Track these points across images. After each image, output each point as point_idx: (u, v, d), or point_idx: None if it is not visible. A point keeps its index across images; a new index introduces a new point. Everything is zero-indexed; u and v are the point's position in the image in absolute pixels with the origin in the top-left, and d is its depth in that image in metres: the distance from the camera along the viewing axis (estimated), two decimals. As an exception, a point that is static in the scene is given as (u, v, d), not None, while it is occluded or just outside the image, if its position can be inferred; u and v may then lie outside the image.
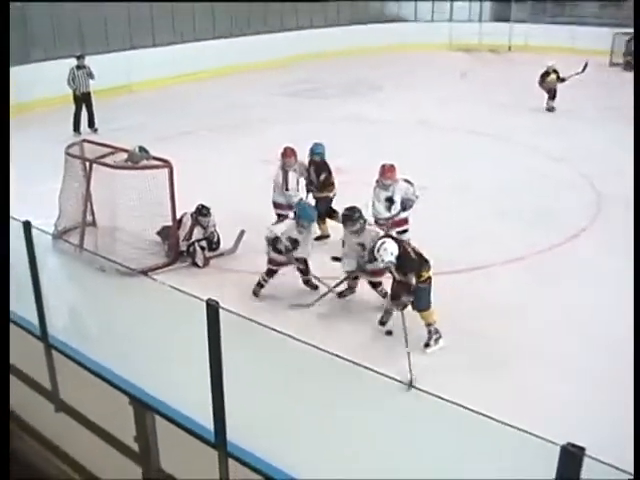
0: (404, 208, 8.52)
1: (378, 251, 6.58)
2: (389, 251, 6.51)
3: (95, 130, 15.11)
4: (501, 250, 9.18)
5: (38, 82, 16.94)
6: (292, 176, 9.22)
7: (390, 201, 8.47)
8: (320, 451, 3.64)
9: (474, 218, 10.15)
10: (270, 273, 7.94)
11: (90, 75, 15.09)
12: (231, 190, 10.74)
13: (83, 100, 15.08)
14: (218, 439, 3.78)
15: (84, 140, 9.35)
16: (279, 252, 7.78)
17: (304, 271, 8.15)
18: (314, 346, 3.27)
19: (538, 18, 26.42)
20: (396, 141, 13.77)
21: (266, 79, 20.55)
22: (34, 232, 5.02)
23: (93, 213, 9.49)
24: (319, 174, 9.48)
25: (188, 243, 8.98)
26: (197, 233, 9.08)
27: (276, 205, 9.33)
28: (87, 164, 9.05)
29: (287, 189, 9.15)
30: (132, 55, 18.84)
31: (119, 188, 8.54)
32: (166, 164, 8.81)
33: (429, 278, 6.77)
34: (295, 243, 7.77)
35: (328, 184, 9.52)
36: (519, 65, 23.08)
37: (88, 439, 5.00)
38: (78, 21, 19.19)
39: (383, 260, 6.56)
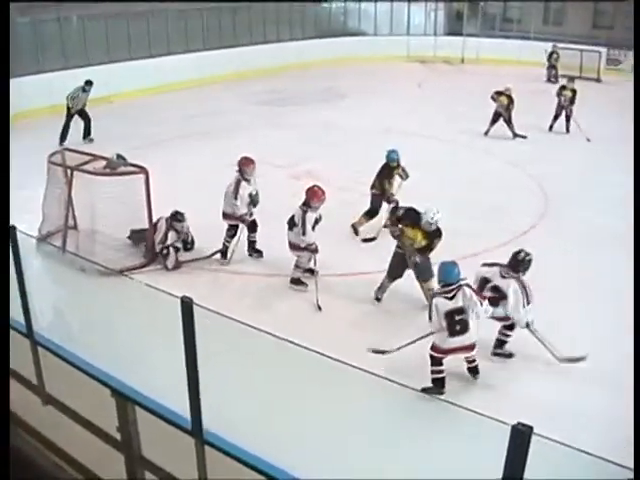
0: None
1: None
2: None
3: (91, 140, 14.87)
4: (457, 247, 9.26)
5: (22, 95, 16.75)
6: (244, 186, 8.74)
7: (317, 222, 8.07)
8: (291, 438, 3.65)
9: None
10: None
11: (86, 100, 15.01)
12: (203, 193, 10.71)
13: (79, 115, 14.95)
14: (194, 427, 3.79)
15: (65, 149, 9.29)
16: None
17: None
18: (290, 341, 3.27)
19: (488, 33, 26.79)
20: (360, 146, 13.86)
21: (237, 89, 20.52)
22: (19, 236, 4.98)
23: (74, 217, 9.42)
24: (391, 176, 9.69)
25: (163, 246, 8.97)
26: (171, 237, 9.07)
27: (225, 215, 8.93)
28: (68, 171, 9.01)
29: (235, 198, 8.69)
30: (111, 68, 18.68)
31: (99, 193, 8.50)
32: (142, 170, 8.80)
33: None
34: None
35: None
36: (471, 75, 23.40)
37: (74, 430, 4.98)
38: (60, 36, 19.02)
39: None
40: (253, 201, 8.82)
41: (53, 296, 5.48)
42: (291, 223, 8.06)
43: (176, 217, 9.15)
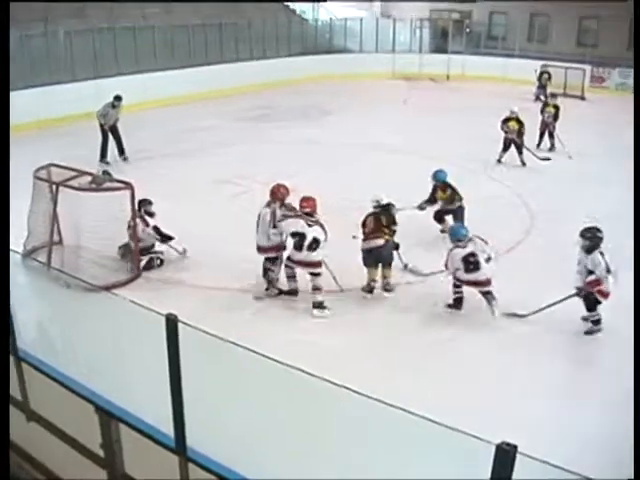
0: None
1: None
2: None
3: (125, 159, 14.74)
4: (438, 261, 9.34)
5: (11, 109, 16.72)
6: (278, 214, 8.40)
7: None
8: (275, 458, 3.65)
9: (417, 232, 10.24)
10: None
11: (118, 116, 14.64)
12: (189, 208, 10.76)
13: (110, 132, 14.66)
14: (178, 445, 3.79)
15: (51, 164, 9.26)
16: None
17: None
18: (276, 360, 3.28)
19: (473, 50, 27.06)
20: (344, 162, 13.91)
21: (222, 106, 20.56)
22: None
23: (60, 232, 9.41)
24: (445, 191, 10.35)
25: (150, 256, 9.34)
26: (149, 231, 9.32)
27: (262, 249, 8.54)
28: (54, 186, 9.00)
29: (275, 227, 8.31)
30: (97, 84, 18.69)
31: (84, 209, 8.50)
32: (127, 186, 8.81)
33: None
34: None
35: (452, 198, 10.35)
36: (457, 92, 23.59)
37: (57, 446, 4.96)
38: (47, 52, 19.03)
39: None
40: None
41: (37, 312, 5.46)
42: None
43: (145, 202, 9.41)
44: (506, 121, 14.43)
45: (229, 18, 24.22)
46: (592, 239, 7.50)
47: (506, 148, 14.56)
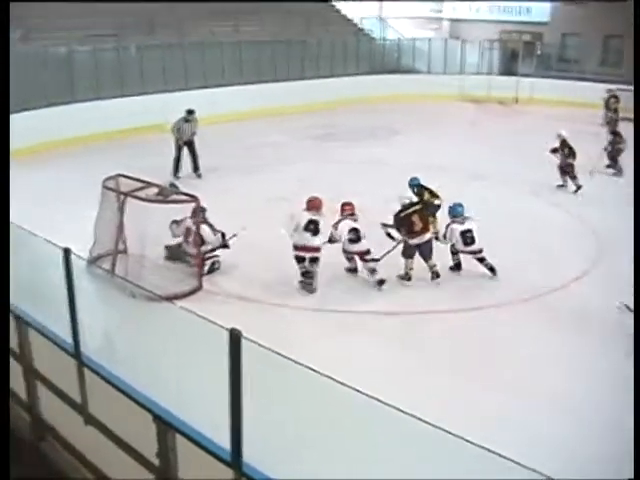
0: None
1: None
2: None
3: (199, 175, 14.94)
4: (504, 290, 9.26)
5: (82, 120, 17.33)
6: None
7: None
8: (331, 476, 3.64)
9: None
10: None
11: (195, 130, 14.86)
12: (252, 224, 10.89)
13: (186, 146, 14.84)
14: (234, 458, 3.82)
15: (119, 174, 9.50)
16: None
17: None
18: (338, 381, 3.28)
19: (543, 73, 26.63)
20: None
21: (288, 123, 20.76)
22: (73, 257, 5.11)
23: (125, 242, 9.63)
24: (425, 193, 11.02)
25: (212, 260, 9.74)
26: (209, 234, 9.57)
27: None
28: (121, 196, 9.22)
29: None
30: (166, 97, 19.14)
31: (149, 220, 8.69)
32: (193, 199, 8.97)
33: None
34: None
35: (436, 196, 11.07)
36: (524, 116, 23.24)
37: (113, 451, 5.04)
38: (118, 64, 19.60)
39: None
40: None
41: (101, 318, 5.60)
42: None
43: (204, 209, 9.64)
44: (555, 151, 14.27)
45: (297, 36, 24.52)
46: None
47: (563, 172, 14.35)
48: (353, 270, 9.90)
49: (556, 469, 3.08)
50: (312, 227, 9.19)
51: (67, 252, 5.00)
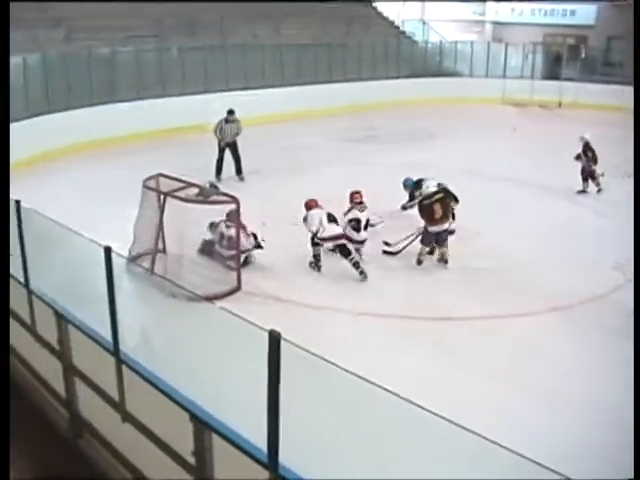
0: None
1: None
2: None
3: (242, 179, 14.93)
4: (544, 297, 9.13)
5: (124, 120, 17.56)
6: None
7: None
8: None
9: (518, 263, 10.08)
10: None
11: (237, 130, 14.82)
12: (291, 225, 10.92)
13: (228, 149, 14.84)
14: (270, 460, 3.81)
15: (160, 174, 9.59)
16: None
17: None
18: (379, 386, 3.25)
19: (587, 77, 26.23)
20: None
21: (328, 125, 20.77)
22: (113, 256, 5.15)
23: (164, 241, 9.71)
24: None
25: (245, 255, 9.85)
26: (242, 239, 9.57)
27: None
28: (161, 196, 9.30)
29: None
30: (206, 98, 19.30)
31: (189, 220, 8.75)
32: (233, 200, 9.01)
33: None
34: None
35: None
36: (568, 121, 22.86)
37: (149, 449, 5.07)
38: (160, 66, 19.82)
39: None
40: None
41: (140, 317, 5.63)
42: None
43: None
44: (579, 157, 14.14)
45: (338, 38, 24.54)
46: None
47: (585, 178, 14.22)
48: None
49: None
50: (332, 217, 9.93)
51: (108, 250, 5.04)
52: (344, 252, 9.77)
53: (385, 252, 10.61)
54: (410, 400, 3.12)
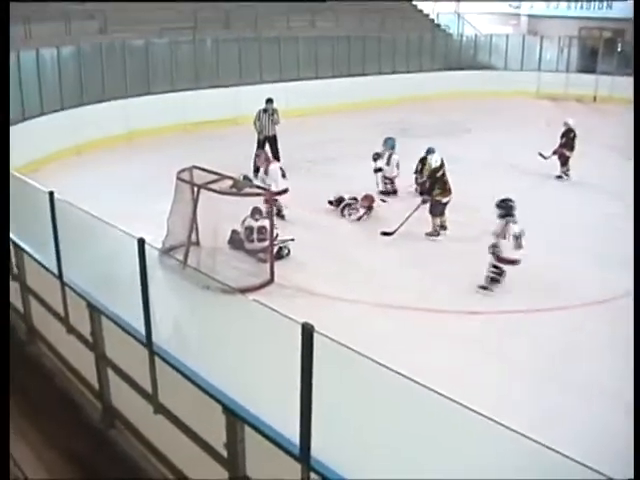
0: None
1: None
2: None
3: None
4: (580, 292, 9.00)
5: (156, 112, 17.63)
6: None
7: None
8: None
9: (553, 258, 9.93)
10: None
11: (275, 120, 14.60)
12: (325, 218, 10.90)
13: (266, 142, 14.65)
14: (302, 453, 3.79)
15: (194, 167, 9.59)
16: None
17: None
18: (414, 381, 3.20)
19: (624, 71, 25.75)
20: (479, 181, 13.65)
21: (363, 118, 20.66)
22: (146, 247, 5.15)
23: (197, 233, 9.73)
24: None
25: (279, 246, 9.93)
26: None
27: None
28: (195, 189, 9.31)
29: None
30: (240, 90, 19.33)
31: (222, 212, 8.74)
32: (267, 192, 8.99)
33: None
34: None
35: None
36: (603, 115, 22.54)
37: (181, 440, 5.08)
38: (194, 57, 19.87)
39: None
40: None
41: (173, 309, 5.63)
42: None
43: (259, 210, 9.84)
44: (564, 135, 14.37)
45: (373, 32, 24.42)
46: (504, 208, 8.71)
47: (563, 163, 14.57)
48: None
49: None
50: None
51: (141, 242, 5.05)
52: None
53: (383, 233, 10.91)
54: (457, 400, 3.06)
